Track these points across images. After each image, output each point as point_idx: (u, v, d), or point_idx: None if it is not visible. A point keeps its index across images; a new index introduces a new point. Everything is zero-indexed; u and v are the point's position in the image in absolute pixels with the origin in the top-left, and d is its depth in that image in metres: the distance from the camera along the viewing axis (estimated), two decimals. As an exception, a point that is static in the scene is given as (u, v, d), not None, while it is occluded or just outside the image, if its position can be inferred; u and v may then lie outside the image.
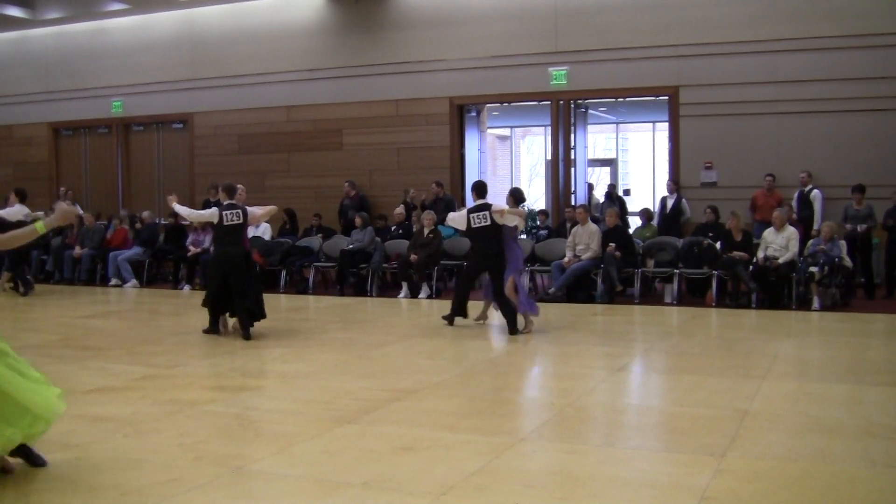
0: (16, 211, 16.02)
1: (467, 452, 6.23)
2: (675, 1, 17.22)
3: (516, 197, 12.60)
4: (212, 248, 12.43)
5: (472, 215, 12.11)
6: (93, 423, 7.04)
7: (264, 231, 18.51)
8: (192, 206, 20.18)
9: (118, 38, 22.35)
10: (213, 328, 11.74)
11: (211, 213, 11.72)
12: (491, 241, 12.06)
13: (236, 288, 11.44)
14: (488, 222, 11.99)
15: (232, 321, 11.88)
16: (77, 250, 19.07)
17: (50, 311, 15.06)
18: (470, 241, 13.00)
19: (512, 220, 12.11)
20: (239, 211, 11.71)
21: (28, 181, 20.82)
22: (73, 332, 12.46)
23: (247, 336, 11.32)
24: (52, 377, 7.36)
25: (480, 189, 12.44)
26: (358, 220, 17.52)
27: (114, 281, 18.60)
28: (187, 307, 15.53)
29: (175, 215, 16.37)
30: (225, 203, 11.76)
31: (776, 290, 14.23)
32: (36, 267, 19.58)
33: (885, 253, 15.26)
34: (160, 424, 7.05)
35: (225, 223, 11.57)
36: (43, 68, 23.24)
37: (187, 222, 18.11)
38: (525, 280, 12.65)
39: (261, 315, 11.67)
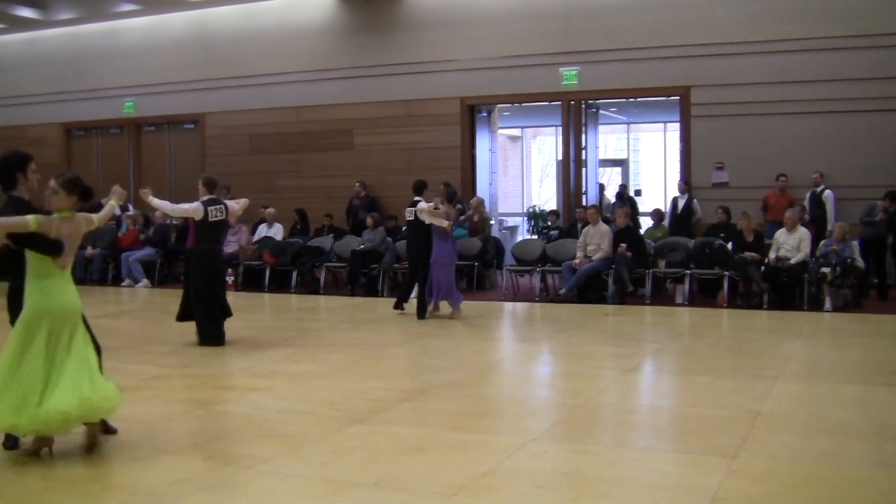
0: None
1: (478, 453, 6.23)
2: (687, 1, 17.17)
3: (447, 194, 13.57)
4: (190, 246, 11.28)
5: (406, 210, 13.63)
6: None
7: (276, 231, 18.56)
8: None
9: (130, 39, 22.39)
10: (218, 336, 10.99)
11: (195, 208, 10.92)
12: (417, 235, 13.43)
13: (217, 289, 11.07)
14: (414, 218, 13.39)
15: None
16: (89, 250, 19.12)
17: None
18: None
19: (429, 220, 13.12)
20: (222, 206, 11.19)
21: (39, 182, 20.81)
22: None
23: (222, 341, 10.90)
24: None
25: (416, 187, 13.75)
26: (369, 221, 17.55)
27: (126, 281, 18.65)
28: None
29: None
30: (206, 198, 11.07)
31: (788, 290, 14.19)
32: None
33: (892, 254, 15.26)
34: (171, 424, 7.07)
35: (210, 219, 10.94)
36: (55, 69, 23.29)
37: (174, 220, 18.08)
38: (445, 275, 13.26)
39: (228, 313, 11.22)
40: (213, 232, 11.11)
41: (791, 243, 14.24)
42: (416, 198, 13.50)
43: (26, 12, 21.90)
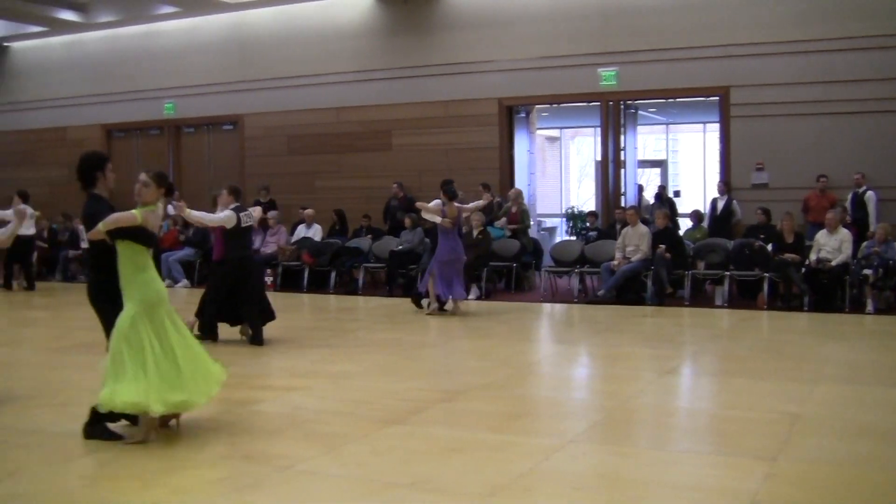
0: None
1: (515, 454, 6.22)
2: (726, 0, 17.07)
3: (444, 191, 13.78)
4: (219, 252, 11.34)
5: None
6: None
7: (315, 232, 18.63)
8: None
9: (169, 41, 22.56)
10: (213, 334, 11.18)
11: (228, 217, 10.96)
12: (427, 233, 14.03)
13: (251, 294, 11.09)
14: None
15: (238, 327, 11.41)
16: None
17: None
18: None
19: (424, 215, 14.00)
20: (250, 212, 11.35)
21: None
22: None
23: (261, 341, 10.98)
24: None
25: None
26: (407, 221, 17.59)
27: (166, 281, 18.77)
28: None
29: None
30: (234, 206, 11.12)
31: (829, 292, 14.06)
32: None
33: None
34: (210, 423, 7.11)
35: (242, 225, 11.05)
36: (96, 71, 23.50)
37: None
38: (447, 271, 13.65)
39: (272, 316, 11.33)
40: (244, 238, 11.23)
41: (832, 245, 14.12)
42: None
43: (68, 15, 22.14)
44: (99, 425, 6.54)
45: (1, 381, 9.04)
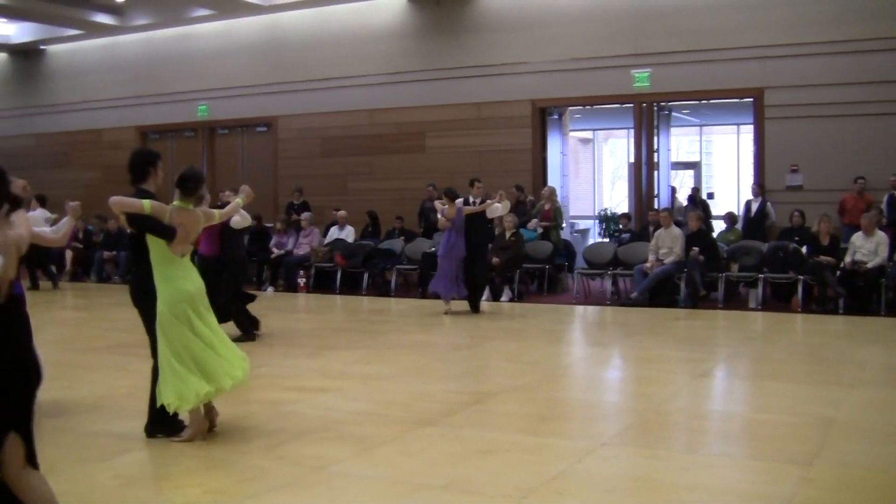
0: (37, 215, 16.89)
1: (547, 456, 6.21)
2: (760, 1, 16.97)
3: (445, 193, 14.60)
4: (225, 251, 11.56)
5: None
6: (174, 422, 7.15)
7: (347, 234, 18.68)
8: (275, 209, 20.51)
9: (204, 44, 22.70)
10: (254, 328, 11.57)
11: (245, 216, 11.10)
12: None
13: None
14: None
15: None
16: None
17: (135, 311, 15.32)
18: None
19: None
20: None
21: (116, 184, 20.91)
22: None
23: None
24: (137, 376, 7.54)
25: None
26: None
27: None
28: (271, 308, 15.69)
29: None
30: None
31: (864, 295, 13.94)
32: (124, 267, 19.89)
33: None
34: (242, 424, 7.14)
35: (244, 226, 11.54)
36: (131, 73, 23.69)
37: (270, 224, 18.37)
38: (444, 268, 14.29)
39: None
40: (241, 238, 11.83)
41: (868, 247, 14.00)
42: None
43: (104, 18, 22.35)
44: (160, 424, 6.62)
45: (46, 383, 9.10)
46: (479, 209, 14.32)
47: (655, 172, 18.82)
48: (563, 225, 18.58)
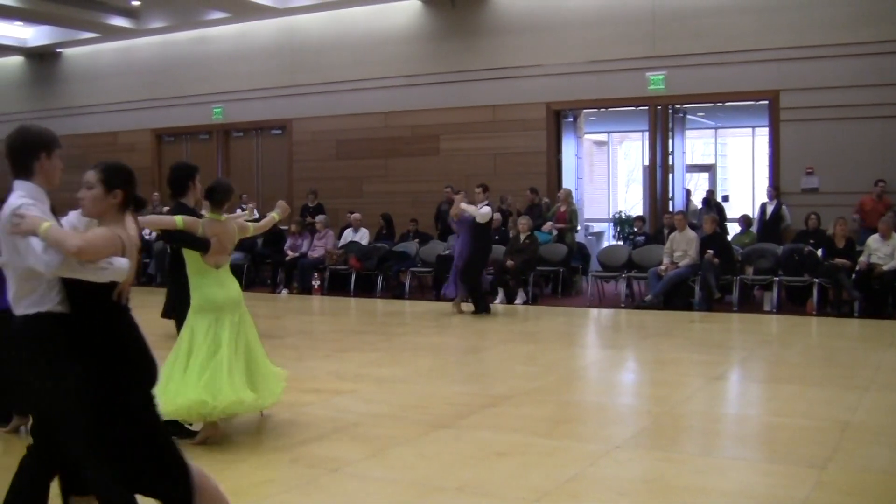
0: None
1: (562, 459, 6.21)
2: (775, 3, 16.91)
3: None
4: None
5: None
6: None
7: (362, 236, 18.70)
8: (290, 212, 20.51)
9: (219, 47, 22.76)
10: None
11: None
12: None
13: None
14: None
15: None
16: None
17: (150, 312, 15.37)
18: None
19: None
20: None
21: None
22: (172, 333, 12.68)
23: None
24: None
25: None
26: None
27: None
28: (285, 310, 15.77)
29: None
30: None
31: (880, 298, 13.90)
32: (139, 269, 19.97)
33: None
34: (257, 426, 7.17)
35: None
36: (147, 76, 23.77)
37: (285, 227, 18.41)
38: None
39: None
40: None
41: (885, 251, 13.94)
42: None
43: (120, 21, 22.43)
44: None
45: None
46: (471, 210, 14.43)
47: (670, 175, 18.79)
48: (578, 227, 18.57)
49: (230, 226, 6.89)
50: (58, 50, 25.33)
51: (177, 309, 7.03)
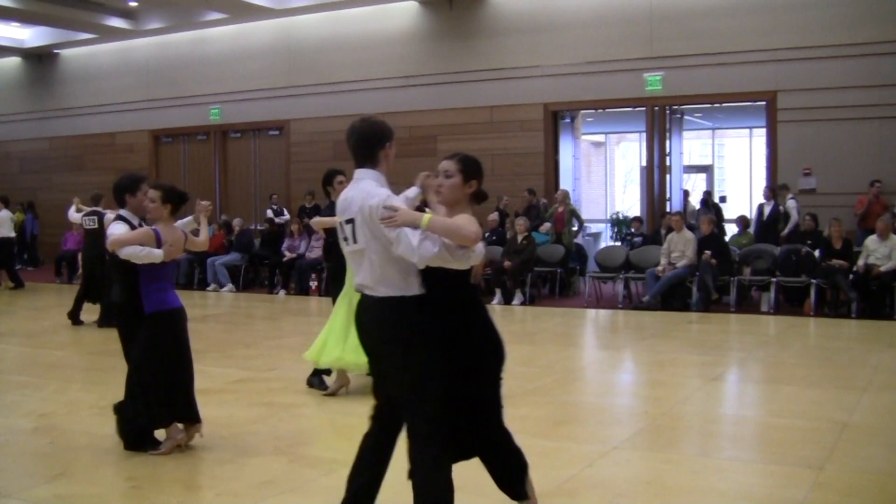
0: (2, 216, 18.72)
1: (560, 460, 6.21)
2: (773, 4, 16.93)
3: None
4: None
5: None
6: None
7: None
8: (289, 211, 20.53)
9: (217, 48, 22.76)
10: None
11: None
12: None
13: None
14: None
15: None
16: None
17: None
18: None
19: None
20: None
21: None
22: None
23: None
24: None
25: None
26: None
27: (212, 285, 18.90)
28: (283, 311, 15.75)
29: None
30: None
31: (877, 299, 13.90)
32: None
33: None
34: (255, 427, 7.16)
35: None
36: (145, 77, 23.78)
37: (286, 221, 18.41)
38: None
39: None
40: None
41: (882, 251, 13.94)
42: None
43: (117, 22, 22.44)
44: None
45: (53, 384, 9.17)
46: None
47: (668, 176, 18.80)
48: (583, 226, 18.55)
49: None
50: (55, 51, 25.34)
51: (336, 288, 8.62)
